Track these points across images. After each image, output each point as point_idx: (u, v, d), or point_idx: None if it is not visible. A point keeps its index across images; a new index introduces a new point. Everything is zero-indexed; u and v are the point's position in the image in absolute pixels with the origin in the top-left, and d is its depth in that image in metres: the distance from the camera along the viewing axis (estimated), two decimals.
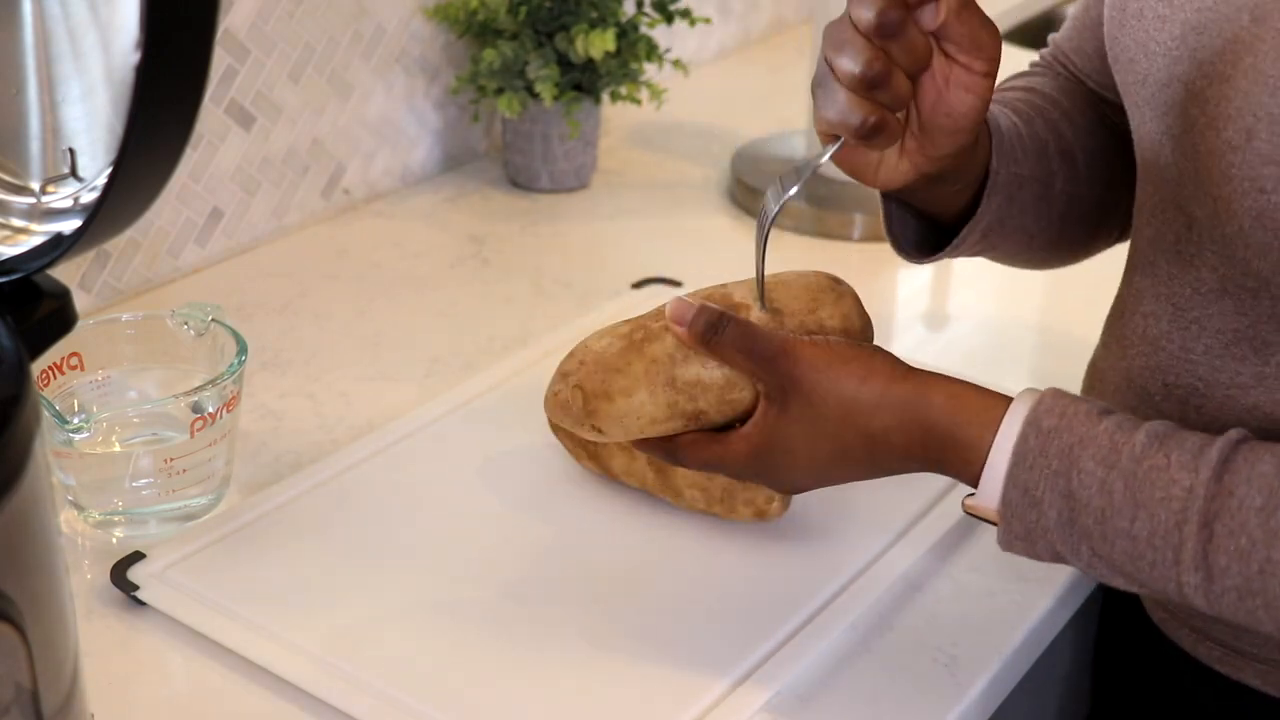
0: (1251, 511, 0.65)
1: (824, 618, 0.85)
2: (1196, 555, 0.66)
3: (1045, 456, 0.69)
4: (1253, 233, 0.71)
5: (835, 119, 0.73)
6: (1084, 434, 0.69)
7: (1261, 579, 0.65)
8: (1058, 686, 1.01)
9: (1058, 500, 0.69)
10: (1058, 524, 0.69)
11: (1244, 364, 0.76)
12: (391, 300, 1.23)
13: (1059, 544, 0.70)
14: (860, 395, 0.73)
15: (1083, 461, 0.68)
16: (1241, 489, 0.66)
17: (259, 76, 1.26)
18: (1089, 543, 0.69)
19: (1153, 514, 0.67)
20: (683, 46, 1.71)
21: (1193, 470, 0.67)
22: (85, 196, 0.66)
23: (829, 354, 0.74)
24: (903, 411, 0.73)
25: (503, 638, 0.83)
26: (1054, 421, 0.70)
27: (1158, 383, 0.80)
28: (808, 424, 0.74)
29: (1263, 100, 0.69)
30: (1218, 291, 0.76)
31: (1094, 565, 0.70)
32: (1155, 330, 0.80)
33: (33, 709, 0.57)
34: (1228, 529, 0.65)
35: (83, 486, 0.92)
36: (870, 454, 0.74)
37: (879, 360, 0.74)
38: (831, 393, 0.73)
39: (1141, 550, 0.68)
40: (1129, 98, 0.82)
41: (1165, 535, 0.67)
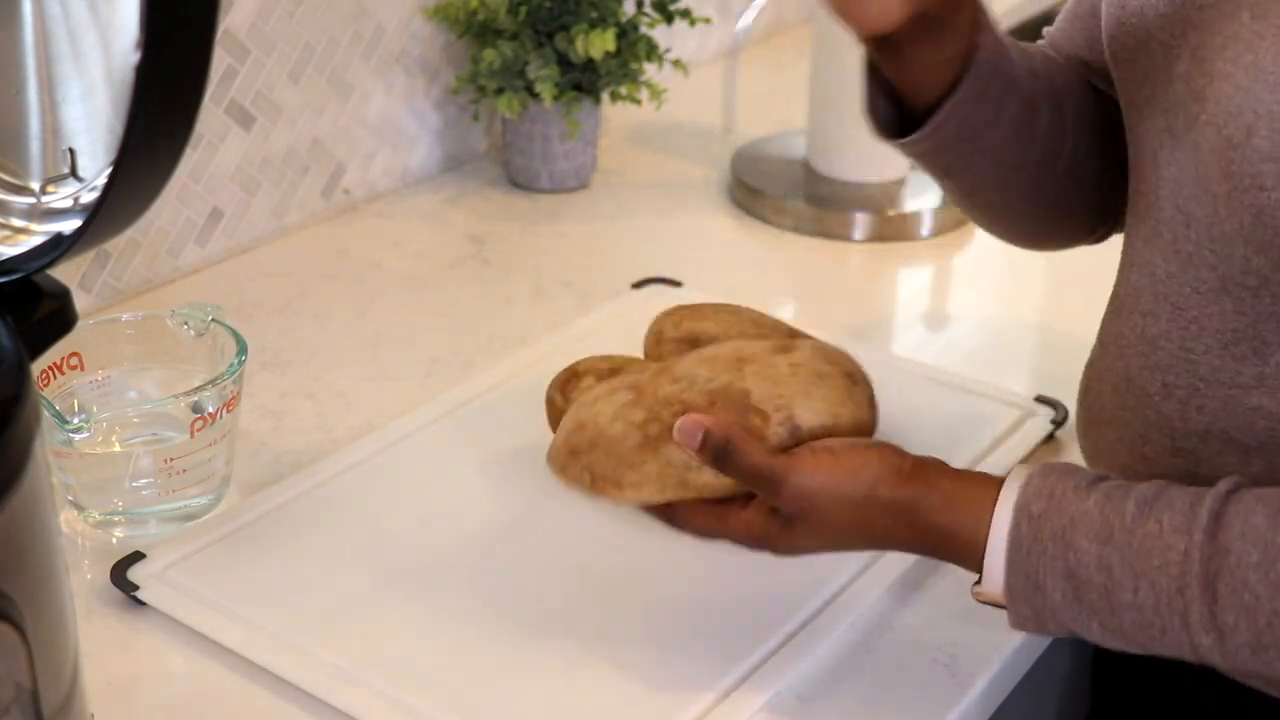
0: (1250, 568, 0.66)
1: (824, 618, 0.85)
2: (1204, 617, 0.67)
3: (1039, 542, 0.70)
4: (1253, 230, 0.71)
5: None
6: (1074, 513, 0.70)
7: (1271, 632, 0.66)
8: (1058, 686, 1.01)
9: (1060, 582, 0.70)
10: (1064, 604, 0.70)
11: (1244, 364, 0.76)
12: (391, 300, 1.23)
13: (1069, 621, 0.71)
14: (867, 500, 0.75)
15: (1077, 541, 0.69)
16: (1237, 545, 0.66)
17: (259, 76, 1.26)
18: (1098, 618, 0.70)
19: (1154, 582, 0.68)
20: (683, 46, 1.71)
21: (1185, 533, 0.67)
22: (85, 196, 0.66)
23: (836, 468, 0.75)
24: (904, 515, 0.74)
25: (503, 637, 0.83)
26: (1043, 505, 0.71)
27: (1157, 383, 0.80)
28: (815, 534, 0.76)
29: (1263, 97, 0.69)
30: (1217, 290, 0.76)
31: (1107, 639, 0.71)
32: (1154, 330, 0.80)
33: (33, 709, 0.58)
34: (1230, 587, 0.66)
35: (83, 486, 0.92)
36: (876, 542, 0.77)
37: (883, 464, 0.75)
38: (840, 503, 0.75)
39: (1149, 619, 0.68)
40: (1126, 95, 0.82)
41: (1169, 601, 0.67)
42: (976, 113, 0.84)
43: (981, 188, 0.91)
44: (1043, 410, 1.05)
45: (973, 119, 0.84)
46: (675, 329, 1.01)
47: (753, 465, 0.75)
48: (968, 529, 0.73)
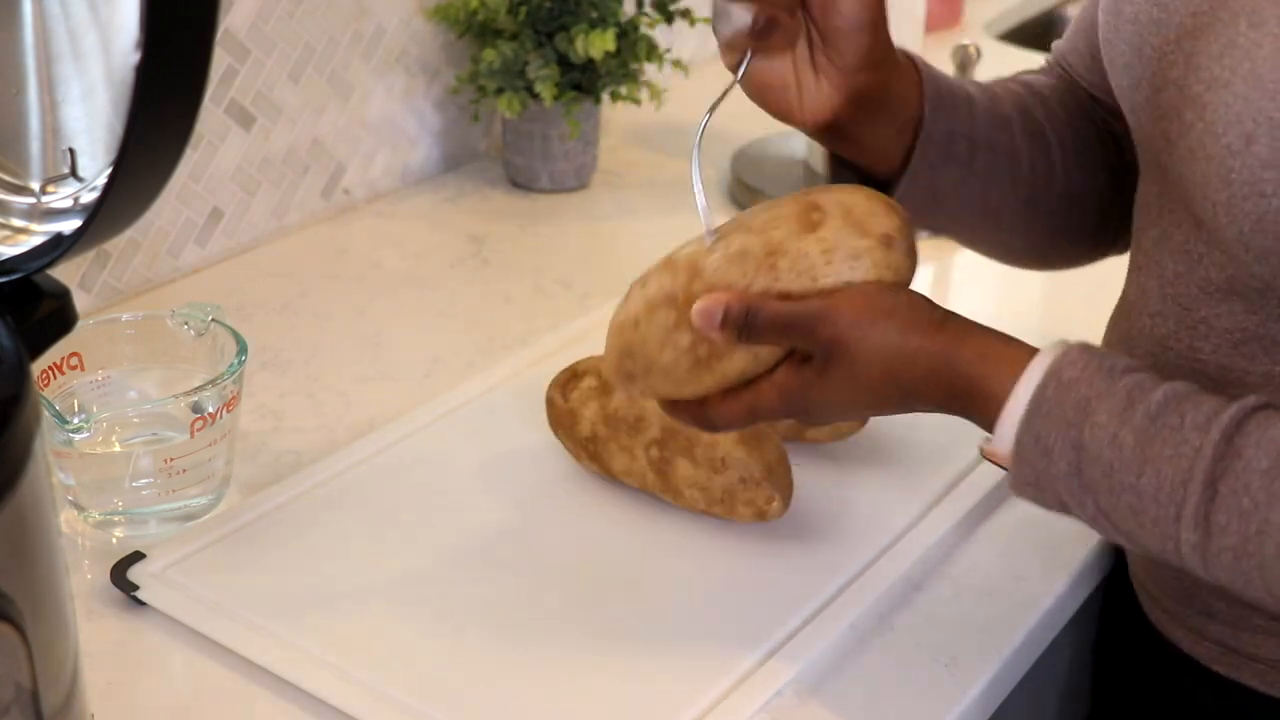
0: (1256, 474, 0.66)
1: (824, 618, 0.85)
2: (1197, 513, 0.67)
3: (1061, 407, 0.70)
4: (1253, 237, 0.71)
5: (730, 32, 0.77)
6: (1103, 388, 0.70)
7: (1259, 540, 0.66)
8: (1058, 686, 1.01)
9: (1068, 450, 0.70)
10: (1066, 474, 0.70)
11: (1253, 363, 0.76)
12: (391, 300, 1.23)
13: (1065, 494, 0.71)
14: (901, 348, 0.74)
15: (1097, 415, 0.69)
16: (1250, 451, 0.66)
17: (259, 76, 1.26)
18: (1094, 496, 0.70)
19: (1159, 470, 0.68)
20: (683, 46, 1.71)
21: (1204, 430, 0.67)
22: (85, 196, 0.66)
23: (871, 310, 0.74)
24: (937, 362, 0.74)
25: (503, 637, 0.83)
26: (1075, 374, 0.70)
27: None
28: (849, 380, 0.75)
29: (1262, 105, 0.69)
30: (1226, 291, 0.76)
31: (1097, 520, 0.71)
32: (1162, 330, 0.80)
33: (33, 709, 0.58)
34: (1231, 489, 0.66)
35: (83, 486, 0.92)
36: (904, 400, 0.76)
37: (918, 310, 0.75)
38: (874, 348, 0.74)
39: (1145, 505, 0.68)
40: (1124, 101, 0.82)
41: (1170, 492, 0.67)
42: (940, 176, 0.84)
43: (973, 234, 0.91)
44: None
45: (938, 182, 0.85)
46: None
47: (784, 314, 0.74)
48: (994, 384, 0.72)
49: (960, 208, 0.87)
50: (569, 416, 0.95)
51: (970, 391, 0.73)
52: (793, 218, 0.76)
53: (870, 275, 0.75)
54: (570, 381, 0.96)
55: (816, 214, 0.76)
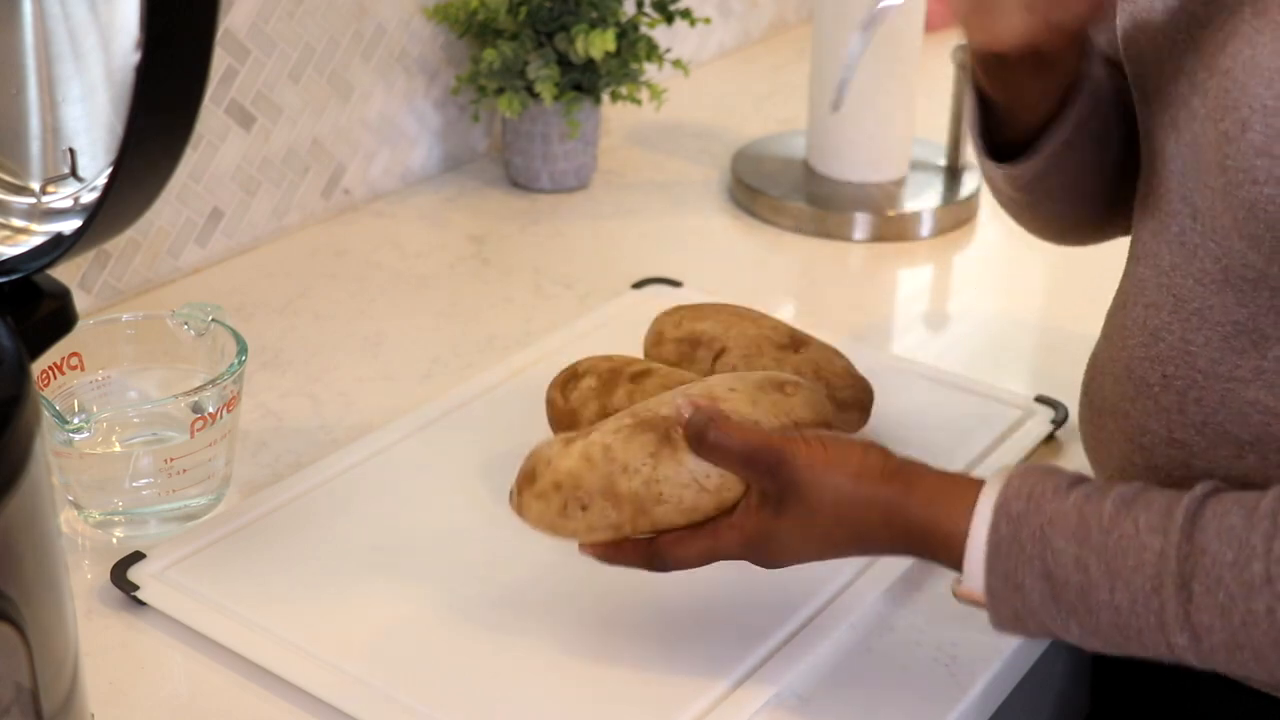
0: (1225, 567, 0.66)
1: (824, 618, 0.85)
2: (1179, 617, 0.67)
3: (1018, 542, 0.70)
4: (1246, 224, 0.72)
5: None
6: (1052, 512, 0.70)
7: (1245, 632, 0.65)
8: (1058, 686, 1.01)
9: (1038, 582, 0.70)
10: (1042, 604, 0.70)
11: (1243, 357, 0.76)
12: (391, 300, 1.23)
13: (1048, 622, 0.71)
14: (853, 494, 0.75)
15: (1054, 541, 0.69)
16: (1213, 546, 0.66)
17: (259, 76, 1.26)
18: (1075, 618, 0.70)
19: (1129, 582, 0.68)
20: (683, 46, 1.71)
21: (1162, 533, 0.67)
22: (85, 196, 0.66)
23: (826, 455, 0.75)
24: (888, 510, 0.74)
25: (502, 638, 0.83)
26: (1022, 505, 0.71)
27: (1157, 374, 0.80)
28: (802, 522, 0.76)
29: (1258, 92, 0.69)
30: (1220, 282, 0.76)
31: (1085, 640, 0.71)
32: (1156, 321, 0.80)
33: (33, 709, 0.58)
34: (1205, 587, 0.66)
35: (83, 486, 0.92)
36: (859, 543, 0.76)
37: (871, 457, 0.76)
38: (827, 492, 0.75)
39: (1126, 620, 0.68)
40: (1138, 89, 0.82)
41: (1145, 601, 0.67)
42: (1072, 135, 0.85)
43: (1055, 200, 0.92)
44: (1042, 410, 1.05)
45: (1066, 142, 0.85)
46: (675, 329, 1.01)
47: (747, 439, 0.75)
48: (947, 527, 0.73)
49: (1062, 171, 0.87)
50: (569, 416, 0.95)
51: (927, 536, 0.74)
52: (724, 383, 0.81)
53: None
54: (570, 381, 0.96)
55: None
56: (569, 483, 0.78)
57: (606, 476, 0.78)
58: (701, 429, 0.76)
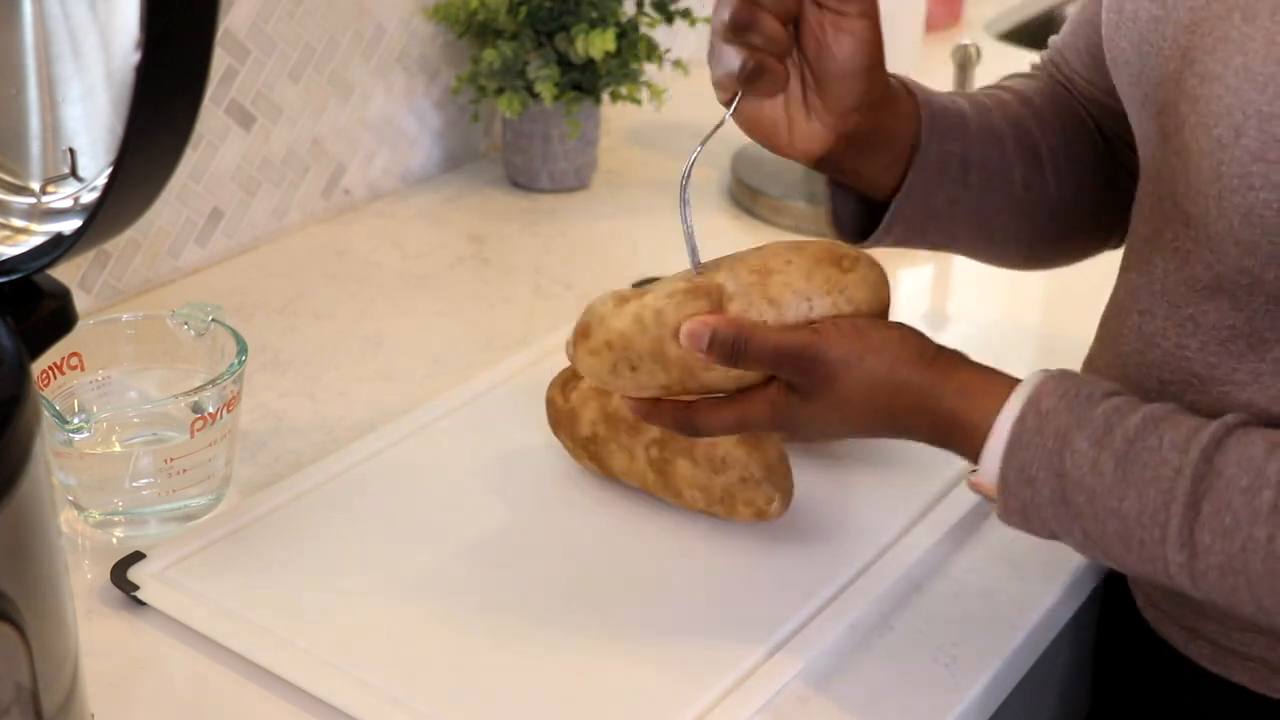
0: (1237, 491, 0.67)
1: (824, 618, 0.85)
2: (1182, 533, 0.67)
3: (1041, 436, 0.71)
4: (1242, 230, 0.72)
5: (721, 72, 0.78)
6: (1081, 415, 0.71)
7: (1243, 556, 0.66)
8: (1057, 686, 1.01)
9: (1051, 479, 0.71)
10: (1051, 501, 0.71)
11: (1240, 360, 0.76)
12: (391, 300, 1.23)
13: (1052, 522, 0.72)
14: (887, 380, 0.75)
15: (1076, 442, 0.70)
16: (1230, 469, 0.67)
17: (259, 76, 1.26)
18: (1080, 522, 0.71)
19: (1141, 493, 0.68)
20: (683, 46, 1.71)
21: (1183, 451, 0.68)
22: (85, 196, 0.66)
23: (863, 343, 0.76)
24: (923, 396, 0.75)
25: (502, 637, 0.83)
26: (1053, 403, 0.72)
27: (1152, 379, 0.80)
28: (836, 408, 0.76)
29: (1252, 98, 0.69)
30: (1213, 288, 0.76)
31: (1086, 546, 0.72)
32: (1150, 327, 0.81)
33: (33, 709, 0.58)
34: (1213, 507, 0.67)
35: (83, 486, 0.92)
36: (890, 428, 0.77)
37: (907, 345, 0.76)
38: (862, 382, 0.75)
39: (1130, 529, 0.69)
40: (1126, 97, 0.82)
41: (1153, 514, 0.68)
42: (935, 196, 0.85)
43: (968, 247, 0.92)
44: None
45: (933, 202, 0.86)
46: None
47: (775, 345, 0.75)
48: (976, 417, 0.74)
49: (955, 225, 0.88)
50: (569, 416, 0.95)
51: (953, 426, 0.75)
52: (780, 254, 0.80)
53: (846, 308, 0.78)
54: (570, 381, 0.96)
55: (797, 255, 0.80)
56: (619, 343, 0.79)
57: (657, 340, 0.78)
58: (729, 350, 0.76)
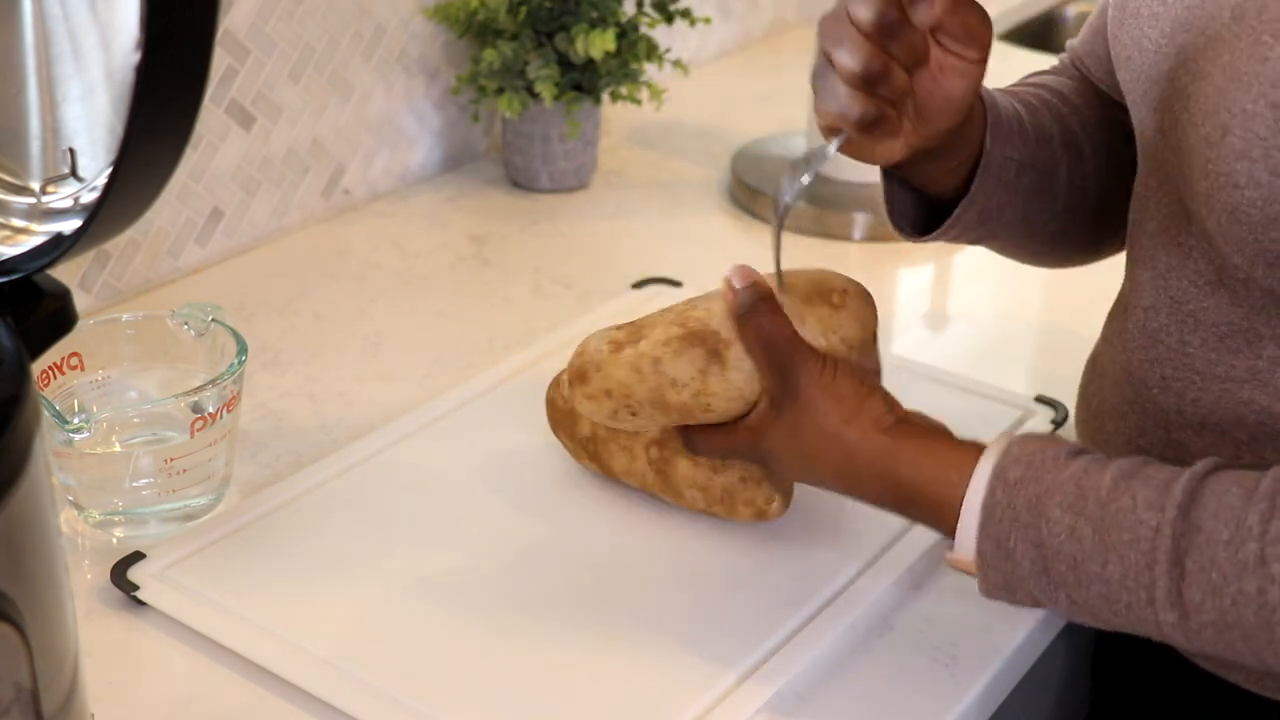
0: (1219, 545, 0.65)
1: (824, 618, 0.85)
2: (1170, 593, 0.66)
3: (1013, 509, 0.70)
4: (1229, 227, 0.72)
5: (836, 112, 0.77)
6: (1050, 482, 0.70)
7: (1235, 611, 0.65)
8: (1057, 686, 1.01)
9: (1030, 550, 0.70)
10: (1032, 573, 0.70)
11: (1238, 357, 0.76)
12: (391, 300, 1.23)
13: (1036, 592, 0.71)
14: (837, 433, 0.76)
15: (1050, 510, 0.69)
16: (1209, 524, 0.66)
17: (259, 76, 1.26)
18: (1065, 590, 0.70)
19: (1122, 556, 0.67)
20: (683, 46, 1.71)
21: (1159, 509, 0.67)
22: (85, 196, 0.66)
23: (831, 385, 0.77)
24: (876, 462, 0.75)
25: (502, 638, 0.83)
26: (1020, 472, 0.71)
27: (1155, 375, 0.81)
28: (792, 433, 0.77)
29: (1237, 96, 0.69)
30: (1214, 284, 0.76)
31: (1074, 612, 0.71)
32: (1154, 324, 0.81)
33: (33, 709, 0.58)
34: (1198, 565, 0.66)
35: (83, 486, 0.92)
36: (845, 485, 0.77)
37: (869, 406, 0.76)
38: (815, 418, 0.76)
39: (1116, 593, 0.68)
40: (1128, 94, 0.83)
41: (1137, 576, 0.67)
42: (991, 201, 0.86)
43: (1011, 245, 0.93)
44: (1043, 410, 1.05)
45: (988, 206, 0.86)
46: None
47: (772, 332, 0.78)
48: (941, 491, 0.73)
49: (1002, 225, 0.88)
50: (569, 416, 0.95)
51: (915, 498, 0.74)
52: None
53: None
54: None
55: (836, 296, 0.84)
56: (619, 391, 0.82)
57: (655, 389, 0.81)
58: (745, 312, 0.79)
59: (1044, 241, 0.92)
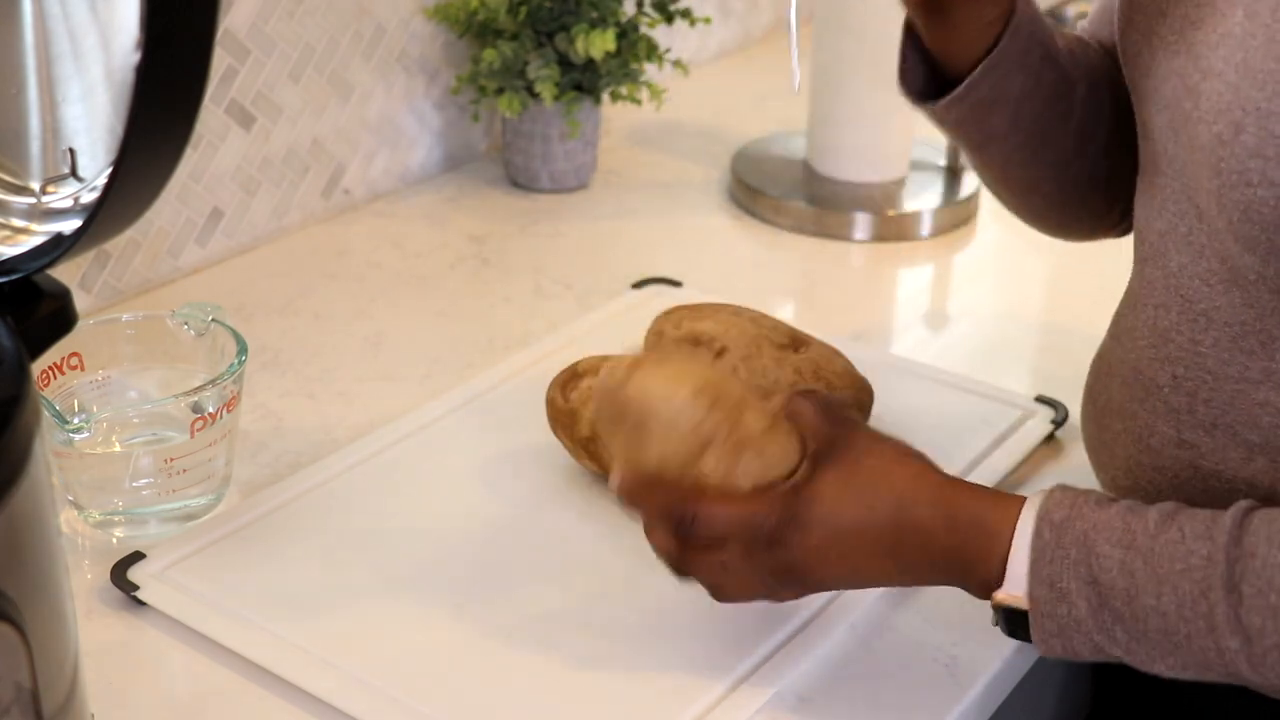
0: (1275, 568, 0.65)
1: (824, 618, 0.85)
2: (1230, 620, 0.66)
3: (1062, 548, 0.70)
4: (1241, 226, 0.72)
5: None
6: (1096, 520, 0.70)
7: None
8: (1057, 687, 1.01)
9: (1084, 589, 0.70)
10: (1089, 612, 0.70)
11: (1252, 358, 0.76)
12: (391, 300, 1.23)
13: (1095, 633, 0.70)
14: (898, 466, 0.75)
15: (1099, 546, 0.69)
16: (1262, 548, 0.66)
17: (259, 76, 1.26)
18: (1122, 625, 0.69)
19: (1176, 586, 0.67)
20: (683, 46, 1.71)
21: (1208, 539, 0.67)
22: (85, 196, 0.66)
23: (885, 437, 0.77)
24: (935, 491, 0.74)
25: (502, 637, 0.83)
26: (1064, 513, 0.71)
27: (1166, 375, 0.80)
28: (844, 481, 0.74)
29: (1251, 94, 0.69)
30: (1226, 283, 0.76)
31: (1132, 650, 0.70)
32: (1165, 322, 0.80)
33: (33, 709, 0.58)
34: (1255, 589, 0.66)
35: (83, 486, 0.92)
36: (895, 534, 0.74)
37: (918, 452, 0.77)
38: (877, 452, 0.75)
39: (1174, 625, 0.68)
40: (1135, 91, 0.82)
41: (1193, 605, 0.67)
42: (1012, 78, 0.85)
43: (1015, 163, 0.91)
44: (1043, 410, 1.05)
45: (1008, 84, 0.85)
46: (675, 329, 1.01)
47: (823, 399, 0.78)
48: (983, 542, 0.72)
49: (1016, 123, 0.87)
50: (569, 416, 0.95)
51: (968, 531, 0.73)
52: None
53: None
54: (570, 381, 0.96)
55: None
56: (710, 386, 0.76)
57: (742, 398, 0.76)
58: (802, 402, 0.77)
59: (1050, 173, 0.91)
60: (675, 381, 0.75)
